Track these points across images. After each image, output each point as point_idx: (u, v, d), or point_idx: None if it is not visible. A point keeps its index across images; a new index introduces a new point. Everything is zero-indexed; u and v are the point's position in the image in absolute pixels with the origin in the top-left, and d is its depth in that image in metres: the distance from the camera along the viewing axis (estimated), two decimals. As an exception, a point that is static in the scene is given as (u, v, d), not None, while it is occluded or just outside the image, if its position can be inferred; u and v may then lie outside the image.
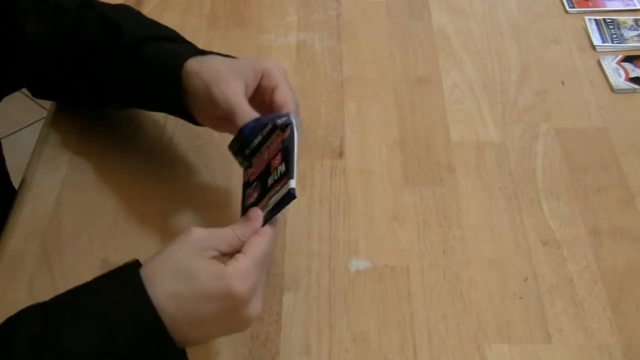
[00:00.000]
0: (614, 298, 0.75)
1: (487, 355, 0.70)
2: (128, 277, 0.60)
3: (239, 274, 0.58)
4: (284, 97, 0.71)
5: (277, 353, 0.70)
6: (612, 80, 0.97)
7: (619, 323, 0.73)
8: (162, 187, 0.84)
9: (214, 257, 0.60)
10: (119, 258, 0.77)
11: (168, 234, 0.80)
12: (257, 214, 0.63)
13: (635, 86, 0.97)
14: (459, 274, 0.77)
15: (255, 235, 0.62)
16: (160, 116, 0.92)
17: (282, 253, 0.78)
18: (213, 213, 0.82)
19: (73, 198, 0.83)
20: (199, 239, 0.60)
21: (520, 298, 0.75)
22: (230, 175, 0.85)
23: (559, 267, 0.77)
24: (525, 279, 0.76)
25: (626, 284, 0.76)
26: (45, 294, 0.74)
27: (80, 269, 0.77)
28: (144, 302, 0.57)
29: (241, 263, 0.59)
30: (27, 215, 0.82)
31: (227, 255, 0.61)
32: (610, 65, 0.99)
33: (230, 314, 0.59)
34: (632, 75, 0.98)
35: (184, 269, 0.58)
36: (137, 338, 0.57)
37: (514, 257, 0.78)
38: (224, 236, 0.61)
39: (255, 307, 0.60)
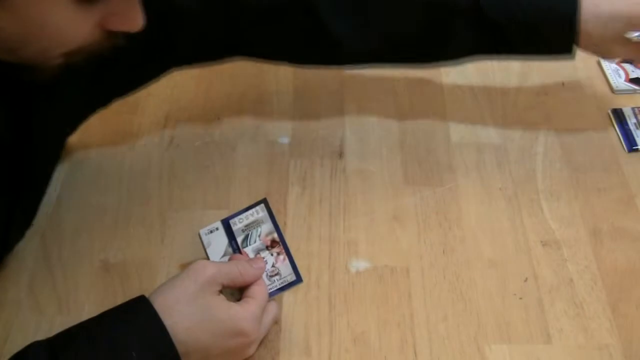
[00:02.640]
0: (614, 298, 0.75)
1: (487, 356, 0.70)
2: (141, 308, 0.61)
3: (251, 316, 0.65)
4: None
5: (278, 353, 0.70)
6: (612, 81, 0.97)
7: (619, 323, 0.73)
8: (162, 187, 0.84)
9: (219, 291, 0.65)
10: (119, 258, 0.78)
11: (168, 234, 0.80)
12: (262, 264, 0.70)
13: (635, 87, 0.97)
14: (459, 274, 0.77)
15: (261, 285, 0.69)
16: (160, 117, 0.92)
17: (282, 253, 0.78)
18: (213, 213, 0.82)
19: (73, 198, 0.83)
20: (210, 275, 0.64)
21: (520, 298, 0.75)
22: (230, 175, 0.85)
23: (559, 268, 0.77)
24: (525, 280, 0.76)
25: (626, 284, 0.76)
26: (45, 294, 0.74)
27: (80, 269, 0.77)
28: (161, 333, 0.60)
29: (252, 306, 0.65)
30: (27, 215, 0.82)
31: (226, 288, 0.67)
32: (610, 66, 0.99)
33: (235, 350, 0.65)
34: (632, 76, 0.98)
35: (201, 307, 0.63)
36: None
37: (514, 257, 0.78)
38: (229, 273, 0.66)
39: (254, 347, 0.67)
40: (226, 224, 0.75)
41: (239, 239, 0.74)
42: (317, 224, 0.81)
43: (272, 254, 0.73)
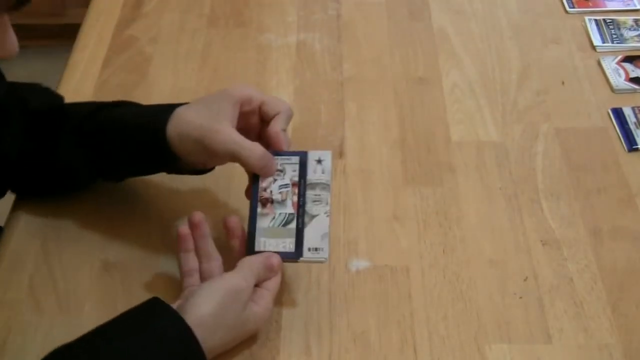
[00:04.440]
0: (614, 298, 0.75)
1: (487, 355, 0.70)
2: (172, 323, 0.63)
3: (268, 313, 0.69)
4: (274, 106, 0.73)
5: (278, 353, 0.70)
6: (612, 81, 0.97)
7: (619, 323, 0.73)
8: (162, 188, 0.84)
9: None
10: (119, 258, 0.78)
11: (168, 234, 0.79)
12: (277, 264, 0.69)
13: (635, 86, 0.97)
14: (459, 274, 0.77)
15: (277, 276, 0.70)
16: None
17: (282, 253, 0.78)
18: (214, 213, 0.81)
19: (73, 198, 0.83)
20: (247, 294, 0.67)
21: (520, 298, 0.75)
22: (231, 175, 0.85)
23: (559, 267, 0.77)
24: (525, 279, 0.76)
25: (626, 284, 0.76)
26: (45, 294, 0.74)
27: (80, 269, 0.77)
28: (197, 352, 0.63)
29: (268, 302, 0.69)
30: (27, 215, 0.82)
31: None
32: (610, 65, 0.99)
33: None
34: (632, 75, 0.98)
35: (238, 327, 0.67)
36: None
37: (514, 257, 0.78)
38: (254, 281, 0.68)
39: None
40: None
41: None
42: (317, 223, 0.81)
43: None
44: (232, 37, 1.05)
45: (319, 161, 0.72)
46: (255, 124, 0.74)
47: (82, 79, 0.98)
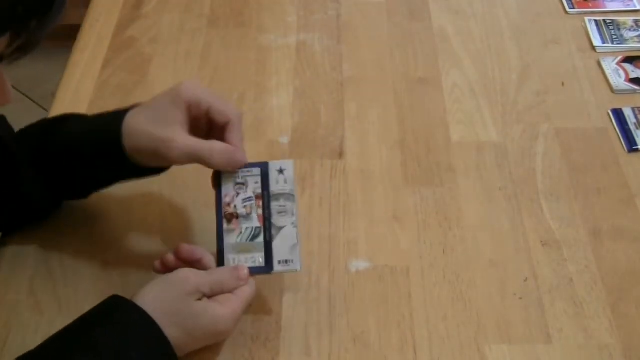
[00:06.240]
0: (614, 298, 0.75)
1: (487, 356, 0.70)
2: (136, 314, 0.64)
3: (231, 317, 0.67)
4: (223, 113, 0.70)
5: (277, 353, 0.70)
6: (612, 81, 0.97)
7: (619, 323, 0.73)
8: (162, 188, 0.84)
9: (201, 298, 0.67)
10: (119, 259, 0.78)
11: (168, 235, 0.80)
12: (245, 274, 0.68)
13: (635, 87, 0.97)
14: (459, 274, 0.77)
15: (249, 284, 0.69)
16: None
17: (282, 253, 0.78)
18: (213, 214, 0.81)
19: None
20: (194, 286, 0.66)
21: (520, 298, 0.75)
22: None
23: (559, 268, 0.77)
24: (525, 280, 0.76)
25: (626, 284, 0.76)
26: (45, 295, 0.74)
27: (80, 269, 0.77)
28: (161, 337, 0.63)
29: (235, 305, 0.67)
30: (27, 215, 0.82)
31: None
32: (610, 66, 0.99)
33: (212, 341, 0.69)
34: (632, 76, 0.98)
35: (188, 316, 0.66)
36: None
37: (514, 257, 0.78)
38: (211, 284, 0.67)
39: None
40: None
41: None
42: (317, 224, 0.81)
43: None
44: (232, 38, 1.05)
45: (281, 171, 0.71)
46: (203, 127, 0.72)
47: (82, 79, 0.98)
